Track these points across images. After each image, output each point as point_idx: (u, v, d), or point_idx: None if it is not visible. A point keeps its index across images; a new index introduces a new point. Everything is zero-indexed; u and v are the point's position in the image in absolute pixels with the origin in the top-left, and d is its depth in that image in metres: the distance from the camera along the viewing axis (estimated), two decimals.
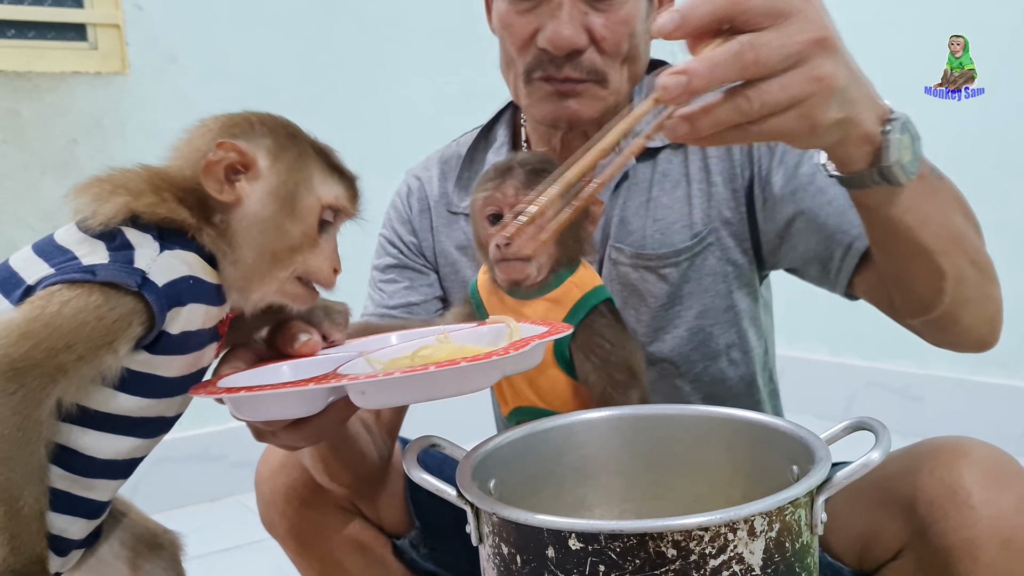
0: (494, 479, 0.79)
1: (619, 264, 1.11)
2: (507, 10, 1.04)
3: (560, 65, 1.02)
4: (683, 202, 1.10)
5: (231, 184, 0.74)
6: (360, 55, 2.58)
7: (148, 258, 0.70)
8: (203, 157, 0.73)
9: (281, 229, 0.76)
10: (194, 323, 0.73)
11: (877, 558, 0.90)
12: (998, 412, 2.36)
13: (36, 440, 0.65)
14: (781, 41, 0.60)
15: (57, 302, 0.65)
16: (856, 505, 0.91)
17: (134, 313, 0.67)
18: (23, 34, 2.18)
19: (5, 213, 2.12)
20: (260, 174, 0.75)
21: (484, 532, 0.69)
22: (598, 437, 0.85)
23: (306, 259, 0.77)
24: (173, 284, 0.70)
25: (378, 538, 1.17)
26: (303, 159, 0.78)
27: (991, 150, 2.36)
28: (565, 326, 0.79)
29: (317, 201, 0.78)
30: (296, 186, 0.77)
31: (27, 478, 0.65)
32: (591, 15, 1.01)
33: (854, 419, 0.75)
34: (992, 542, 0.77)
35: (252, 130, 0.77)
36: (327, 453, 1.01)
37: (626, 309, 1.12)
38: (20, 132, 2.13)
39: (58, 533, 0.73)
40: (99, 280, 0.67)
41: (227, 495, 2.35)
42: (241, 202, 0.75)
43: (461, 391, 0.68)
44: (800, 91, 0.62)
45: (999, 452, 0.84)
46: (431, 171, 1.24)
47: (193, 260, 0.73)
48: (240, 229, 0.75)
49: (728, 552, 0.60)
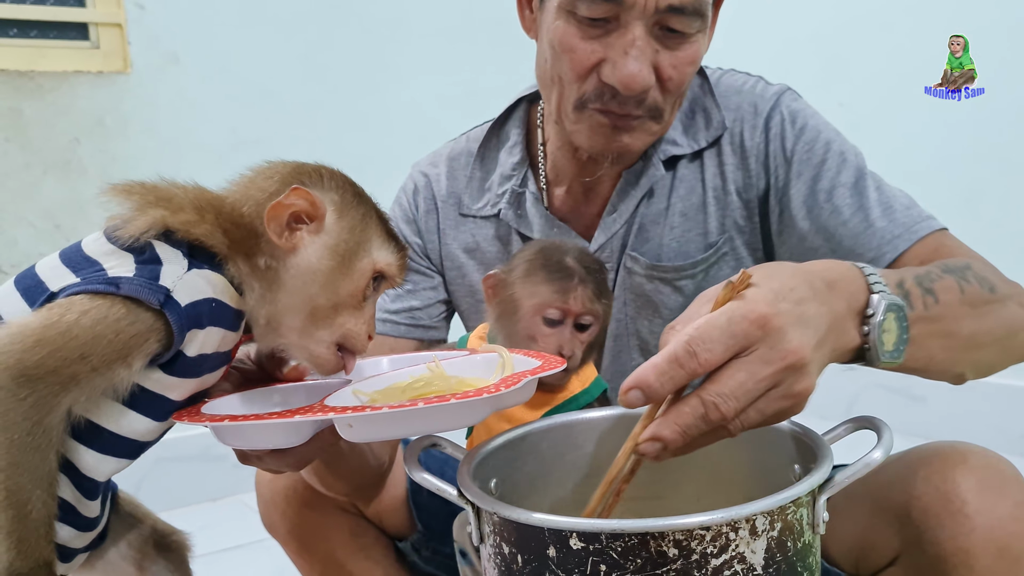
0: (495, 479, 0.78)
1: (634, 274, 1.10)
2: (570, 32, 0.97)
3: (624, 103, 0.98)
4: (698, 209, 1.09)
5: (291, 231, 0.74)
6: (362, 55, 2.58)
7: (174, 275, 0.69)
8: (269, 198, 0.73)
9: (332, 285, 0.75)
10: (210, 346, 0.72)
11: (873, 564, 0.89)
12: (1000, 413, 2.35)
13: (46, 447, 0.65)
14: (744, 386, 0.61)
15: (76, 311, 0.65)
16: (853, 511, 0.91)
17: (153, 330, 0.67)
18: (25, 33, 2.18)
19: (7, 212, 2.12)
20: (323, 228, 0.75)
21: (485, 532, 0.69)
22: (599, 436, 0.85)
23: (346, 321, 0.76)
24: (196, 305, 0.69)
25: (380, 540, 1.17)
26: (366, 221, 0.78)
27: (991, 150, 2.36)
28: (558, 360, 0.79)
29: (372, 264, 0.77)
30: (357, 246, 0.76)
31: (36, 483, 0.65)
32: (661, 53, 0.97)
33: (856, 418, 0.75)
34: (987, 551, 0.77)
35: (322, 182, 0.77)
36: (320, 466, 1.00)
37: (639, 320, 1.11)
38: (22, 131, 2.13)
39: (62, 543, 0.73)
40: (122, 293, 0.66)
41: (229, 495, 2.35)
42: (296, 251, 0.74)
43: (450, 427, 0.68)
44: (778, 407, 0.64)
45: (996, 458, 0.83)
46: (439, 168, 1.21)
47: (219, 282, 0.72)
48: (288, 277, 0.74)
49: (730, 551, 0.60)
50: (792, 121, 1.07)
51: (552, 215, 1.13)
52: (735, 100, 1.10)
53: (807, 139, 1.05)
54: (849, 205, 1.02)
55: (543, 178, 1.15)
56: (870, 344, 0.71)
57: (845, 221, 1.01)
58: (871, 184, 1.03)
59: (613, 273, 1.11)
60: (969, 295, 0.85)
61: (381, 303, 1.18)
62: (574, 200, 1.14)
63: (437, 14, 2.67)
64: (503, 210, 1.14)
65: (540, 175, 1.15)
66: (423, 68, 2.66)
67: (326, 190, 0.76)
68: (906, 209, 1.01)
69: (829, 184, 1.03)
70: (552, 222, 1.13)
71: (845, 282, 0.71)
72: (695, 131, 1.10)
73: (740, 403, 0.61)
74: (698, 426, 0.62)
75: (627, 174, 1.10)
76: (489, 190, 1.17)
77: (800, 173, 1.04)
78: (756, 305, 0.62)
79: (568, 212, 1.14)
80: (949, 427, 2.39)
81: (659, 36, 0.96)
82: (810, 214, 1.03)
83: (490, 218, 1.16)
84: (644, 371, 0.62)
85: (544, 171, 1.15)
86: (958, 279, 0.85)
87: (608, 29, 0.96)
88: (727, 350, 0.61)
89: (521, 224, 1.14)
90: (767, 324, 0.61)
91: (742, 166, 1.08)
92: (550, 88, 1.04)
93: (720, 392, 0.61)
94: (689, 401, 0.62)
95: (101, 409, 0.69)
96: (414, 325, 1.18)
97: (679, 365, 0.61)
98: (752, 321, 0.61)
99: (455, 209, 1.19)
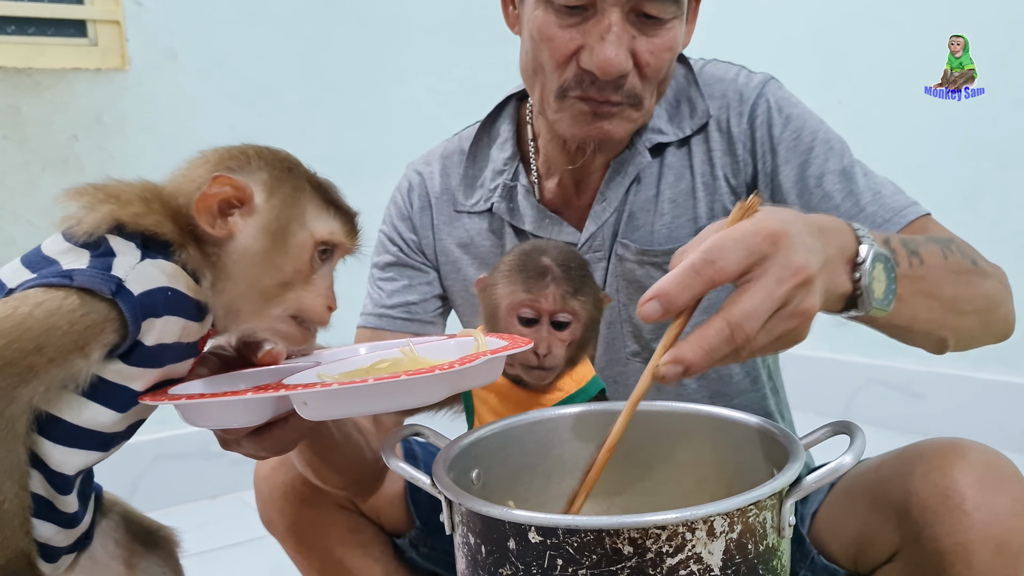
0: (476, 469, 0.80)
1: (625, 260, 1.11)
2: (548, 21, 1.00)
3: (602, 88, 1.00)
4: (688, 195, 1.11)
5: (224, 218, 0.74)
6: (360, 53, 2.57)
7: (127, 266, 0.69)
8: (198, 189, 0.73)
9: (272, 264, 0.75)
10: (169, 336, 0.73)
11: (872, 560, 0.90)
12: (999, 409, 2.36)
13: (12, 439, 0.65)
14: (764, 304, 0.63)
15: (31, 303, 0.66)
16: (851, 507, 0.91)
17: (107, 320, 0.67)
18: (23, 30, 2.18)
19: (5, 210, 2.12)
20: (255, 209, 0.75)
21: (456, 522, 0.70)
22: (585, 431, 0.86)
23: (299, 296, 0.76)
24: (149, 294, 0.70)
25: (378, 536, 1.17)
26: (297, 193, 0.77)
27: (990, 148, 2.36)
28: (525, 340, 0.80)
29: (310, 236, 0.77)
30: (289, 221, 0.76)
31: (5, 475, 0.66)
32: (638, 39, 0.99)
33: (834, 422, 0.75)
34: (986, 547, 0.77)
35: (249, 164, 0.76)
36: (314, 458, 1.00)
37: (632, 306, 1.12)
38: (20, 128, 2.13)
39: (44, 541, 0.73)
40: (75, 285, 0.66)
41: (227, 492, 2.35)
42: (233, 237, 0.74)
43: (405, 405, 0.68)
44: (785, 327, 0.65)
45: (994, 454, 0.83)
46: (432, 166, 1.23)
47: (174, 271, 0.72)
48: (231, 263, 0.74)
49: (686, 551, 0.60)
50: (779, 109, 1.09)
51: (544, 207, 1.15)
52: (719, 88, 1.12)
53: (794, 127, 1.08)
54: (839, 191, 1.04)
55: (534, 172, 1.17)
56: (861, 290, 0.73)
57: (836, 206, 1.03)
58: (859, 171, 1.06)
59: (605, 262, 1.12)
60: (952, 262, 0.88)
61: (378, 298, 1.20)
62: (565, 192, 1.16)
63: (436, 12, 2.67)
64: (496, 204, 1.16)
65: (531, 169, 1.17)
66: (422, 66, 2.66)
67: (253, 170, 0.76)
68: (893, 195, 1.04)
69: (818, 171, 1.05)
70: (544, 214, 1.14)
71: (835, 231, 0.73)
72: (680, 119, 1.12)
73: (759, 322, 0.63)
74: (722, 348, 0.63)
75: (614, 163, 1.12)
76: (481, 186, 1.18)
77: (788, 160, 1.06)
78: (768, 222, 0.64)
79: (560, 204, 1.16)
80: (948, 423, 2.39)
81: (635, 22, 0.99)
82: (800, 199, 1.05)
83: (483, 213, 1.18)
84: (663, 282, 0.64)
85: (536, 165, 1.17)
86: (942, 248, 0.88)
87: (585, 17, 0.98)
88: (741, 261, 0.63)
89: (514, 217, 1.15)
90: (779, 240, 0.63)
91: (729, 152, 1.10)
92: (533, 79, 1.07)
93: (744, 311, 0.62)
94: (713, 323, 0.63)
95: (62, 402, 0.70)
96: (410, 319, 1.18)
97: (696, 273, 0.63)
98: (765, 236, 0.63)
99: (449, 206, 1.20)
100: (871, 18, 2.60)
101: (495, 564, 0.65)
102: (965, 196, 2.36)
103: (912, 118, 2.48)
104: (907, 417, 2.53)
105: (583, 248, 1.12)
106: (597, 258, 1.12)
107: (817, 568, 0.97)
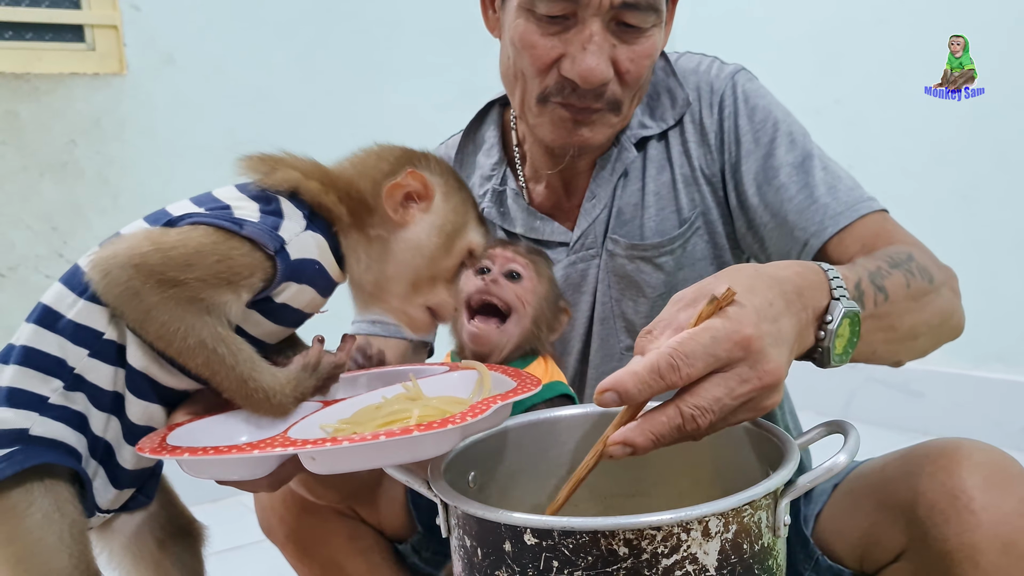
0: (473, 471, 0.80)
1: (616, 256, 1.12)
2: (530, 30, 1.00)
3: (583, 96, 1.01)
4: (669, 187, 1.12)
5: (404, 208, 0.83)
6: (357, 57, 2.58)
7: (292, 231, 0.76)
8: (385, 177, 0.82)
9: (434, 260, 0.84)
10: (299, 302, 0.80)
11: (877, 561, 0.90)
12: (998, 407, 2.36)
13: (214, 321, 0.73)
14: (722, 402, 0.62)
15: (200, 234, 0.72)
16: (856, 508, 0.91)
17: (260, 267, 0.74)
18: (21, 35, 2.18)
19: (4, 215, 2.12)
20: (431, 207, 0.84)
21: (452, 524, 0.70)
22: (582, 434, 0.86)
23: (440, 291, 0.86)
24: (302, 262, 0.77)
25: (378, 543, 1.17)
26: (466, 205, 0.88)
27: (988, 148, 2.36)
28: (535, 381, 0.79)
29: (468, 244, 0.87)
30: (458, 227, 0.86)
31: (232, 343, 0.73)
32: (619, 47, 1.00)
33: (828, 422, 0.75)
34: (993, 546, 0.77)
35: (431, 166, 0.86)
36: (308, 478, 0.99)
37: (624, 301, 1.13)
38: (18, 133, 2.13)
39: (94, 492, 0.77)
40: (243, 233, 0.73)
41: (228, 496, 2.34)
42: (407, 226, 0.83)
43: (416, 457, 0.68)
44: (741, 418, 0.65)
45: (1000, 454, 0.83)
46: None
47: (325, 248, 0.79)
48: (397, 249, 0.83)
49: (681, 552, 0.60)
50: (745, 100, 1.10)
51: (534, 209, 1.16)
52: (692, 80, 1.13)
53: (758, 119, 1.09)
54: (795, 182, 1.05)
55: (521, 175, 1.18)
56: (822, 348, 0.74)
57: (791, 197, 1.04)
58: (818, 164, 1.06)
59: (597, 259, 1.13)
60: (913, 288, 0.89)
61: None
62: (554, 193, 1.17)
63: (432, 16, 2.67)
64: (486, 209, 1.17)
65: (518, 173, 1.18)
66: (418, 70, 2.66)
67: (433, 174, 0.85)
68: (850, 189, 1.05)
69: (777, 163, 1.06)
70: (535, 216, 1.15)
71: (812, 289, 0.73)
72: (662, 111, 1.13)
73: (715, 417, 0.62)
74: (671, 436, 0.63)
75: (601, 160, 1.13)
76: None
77: (750, 152, 1.08)
78: (740, 326, 0.63)
79: (550, 206, 1.17)
80: (947, 422, 2.40)
81: (616, 31, 1.00)
82: (759, 191, 1.06)
83: None
84: (623, 377, 0.62)
85: (522, 169, 1.18)
86: (904, 272, 0.89)
87: (567, 26, 0.99)
88: (708, 367, 0.62)
89: (504, 221, 1.17)
90: (750, 346, 0.63)
91: (703, 143, 1.11)
92: (513, 84, 1.07)
93: (698, 405, 0.62)
94: (666, 411, 0.62)
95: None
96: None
97: (660, 376, 0.61)
98: (736, 343, 0.62)
99: None
100: (870, 18, 2.60)
101: (491, 567, 0.65)
102: (964, 196, 2.36)
103: (911, 118, 2.48)
104: (906, 416, 2.53)
105: (576, 246, 1.13)
106: (590, 255, 1.13)
107: (821, 569, 0.97)
